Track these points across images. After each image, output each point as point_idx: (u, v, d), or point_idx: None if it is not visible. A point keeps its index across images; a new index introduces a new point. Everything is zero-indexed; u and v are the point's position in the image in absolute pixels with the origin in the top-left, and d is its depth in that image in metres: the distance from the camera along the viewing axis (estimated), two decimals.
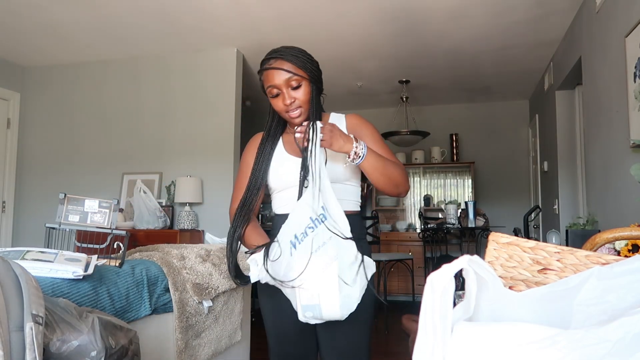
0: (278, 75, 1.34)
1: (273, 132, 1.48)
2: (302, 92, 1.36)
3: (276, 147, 1.47)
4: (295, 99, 1.35)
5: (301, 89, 1.36)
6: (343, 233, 1.18)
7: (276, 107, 1.39)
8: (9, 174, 4.44)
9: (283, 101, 1.36)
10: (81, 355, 1.10)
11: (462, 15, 3.46)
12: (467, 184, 6.04)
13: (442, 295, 0.58)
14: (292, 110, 1.37)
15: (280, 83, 1.35)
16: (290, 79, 1.34)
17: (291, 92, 1.35)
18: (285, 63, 1.35)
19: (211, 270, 2.16)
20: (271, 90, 1.37)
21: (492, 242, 0.76)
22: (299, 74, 1.35)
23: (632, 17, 2.33)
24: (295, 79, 1.34)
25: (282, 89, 1.35)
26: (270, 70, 1.36)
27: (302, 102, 1.36)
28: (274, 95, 1.37)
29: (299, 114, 1.37)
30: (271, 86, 1.36)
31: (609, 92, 2.74)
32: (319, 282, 1.17)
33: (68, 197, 1.72)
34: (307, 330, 1.42)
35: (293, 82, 1.35)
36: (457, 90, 5.45)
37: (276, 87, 1.35)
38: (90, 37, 3.90)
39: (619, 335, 0.50)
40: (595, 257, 0.71)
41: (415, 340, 0.60)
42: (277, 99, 1.38)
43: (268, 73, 1.37)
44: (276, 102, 1.38)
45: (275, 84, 1.35)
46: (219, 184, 4.05)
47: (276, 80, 1.35)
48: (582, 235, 2.48)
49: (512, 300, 0.65)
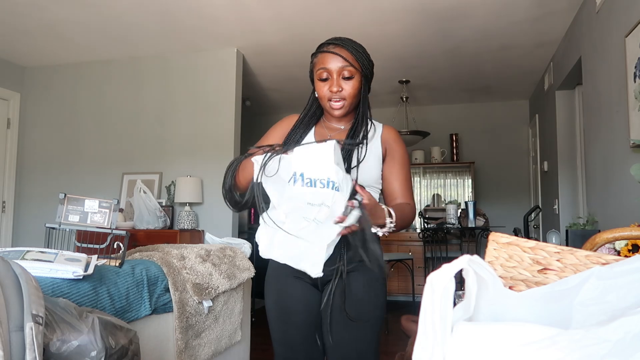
0: (334, 60, 1.33)
1: (308, 120, 1.45)
2: (352, 85, 1.34)
3: (306, 136, 1.44)
4: (343, 89, 1.34)
5: (351, 81, 1.34)
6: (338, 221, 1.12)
7: (320, 92, 1.37)
8: (9, 174, 4.44)
9: (330, 87, 1.34)
10: (81, 355, 1.10)
11: (462, 15, 3.46)
12: (467, 184, 6.04)
13: (442, 295, 0.58)
14: (336, 101, 1.35)
15: (333, 68, 1.33)
16: (345, 67, 1.33)
17: (341, 81, 1.34)
18: (345, 51, 1.34)
19: (211, 270, 2.16)
20: (321, 73, 1.35)
21: (492, 242, 0.76)
22: (354, 65, 1.33)
23: (632, 17, 2.33)
24: (349, 69, 1.33)
25: (333, 74, 1.33)
26: (328, 54, 1.34)
27: (348, 95, 1.34)
28: (322, 78, 1.35)
29: (341, 105, 1.35)
30: (323, 69, 1.34)
31: (609, 92, 2.74)
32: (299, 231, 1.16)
33: (68, 197, 1.72)
34: (312, 337, 1.39)
35: (346, 71, 1.33)
36: (457, 90, 5.45)
37: (328, 71, 1.34)
38: (91, 37, 3.90)
39: (619, 335, 0.50)
40: (595, 257, 0.71)
41: (415, 340, 0.60)
42: (324, 83, 1.35)
43: (324, 56, 1.35)
44: (322, 87, 1.36)
45: (328, 67, 1.33)
46: (219, 184, 4.01)
47: (331, 64, 1.33)
48: (582, 235, 2.48)
49: (512, 300, 0.65)
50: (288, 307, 1.38)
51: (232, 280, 2.27)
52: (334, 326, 1.35)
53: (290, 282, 1.40)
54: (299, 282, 1.40)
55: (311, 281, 1.39)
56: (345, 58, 1.33)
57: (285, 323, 1.41)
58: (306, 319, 1.40)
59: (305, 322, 1.40)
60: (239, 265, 2.39)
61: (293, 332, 1.40)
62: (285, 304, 1.38)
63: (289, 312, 1.39)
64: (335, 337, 1.36)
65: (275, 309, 1.44)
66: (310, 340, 1.40)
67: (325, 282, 1.36)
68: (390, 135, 1.45)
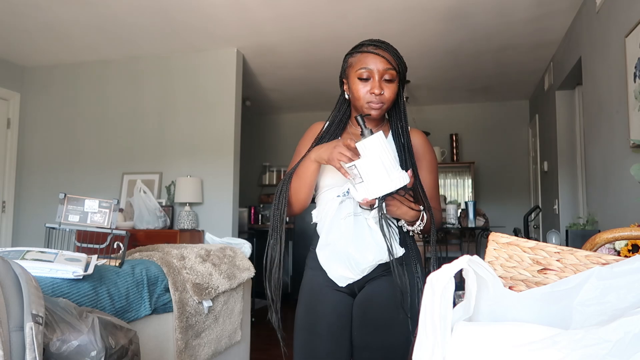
0: (378, 61, 1.32)
1: (335, 127, 1.43)
2: (392, 89, 1.34)
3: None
4: (384, 92, 1.33)
5: (393, 85, 1.34)
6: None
7: (359, 92, 1.34)
8: (9, 174, 4.44)
9: (371, 89, 1.32)
10: (81, 355, 1.10)
11: (462, 15, 3.46)
12: (467, 184, 6.04)
13: (442, 295, 0.58)
14: (376, 102, 1.34)
15: (378, 69, 1.32)
16: (387, 70, 1.32)
17: (383, 83, 1.33)
18: (387, 54, 1.33)
19: (211, 270, 2.16)
20: (362, 73, 1.33)
21: (492, 242, 0.76)
22: (396, 69, 1.33)
23: (632, 17, 2.33)
24: (391, 72, 1.32)
25: (375, 76, 1.32)
26: (372, 55, 1.33)
27: (387, 99, 1.34)
28: (363, 77, 1.33)
29: (379, 107, 1.34)
30: (366, 68, 1.32)
31: (609, 92, 2.74)
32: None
33: (68, 197, 1.72)
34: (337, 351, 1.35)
35: (388, 74, 1.32)
36: (457, 90, 5.45)
37: (370, 72, 1.32)
38: (90, 37, 3.90)
39: (619, 336, 0.50)
40: (595, 257, 0.71)
41: (415, 340, 0.60)
42: (364, 83, 1.33)
43: (367, 56, 1.33)
44: (362, 87, 1.34)
45: (371, 68, 1.32)
46: (219, 184, 4.05)
47: (374, 65, 1.32)
48: (582, 235, 2.48)
49: (512, 300, 0.65)
50: (317, 316, 1.34)
51: (232, 280, 2.27)
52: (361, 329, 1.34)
53: (325, 291, 1.37)
54: (332, 291, 1.37)
55: (347, 289, 1.36)
56: (389, 60, 1.32)
57: (312, 333, 1.37)
58: (334, 330, 1.35)
59: (332, 334, 1.35)
60: (239, 265, 2.39)
61: (317, 343, 1.35)
62: (314, 313, 1.35)
63: (317, 321, 1.35)
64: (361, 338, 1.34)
65: (303, 316, 1.39)
66: (335, 355, 1.35)
67: (362, 285, 1.35)
68: (419, 140, 1.44)
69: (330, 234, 1.26)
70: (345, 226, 1.24)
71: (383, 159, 1.17)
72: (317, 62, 4.38)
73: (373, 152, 1.17)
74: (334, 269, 1.26)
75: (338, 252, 1.24)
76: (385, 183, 1.17)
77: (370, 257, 1.21)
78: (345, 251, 1.23)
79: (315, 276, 1.38)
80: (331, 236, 1.26)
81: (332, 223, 1.26)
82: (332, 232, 1.25)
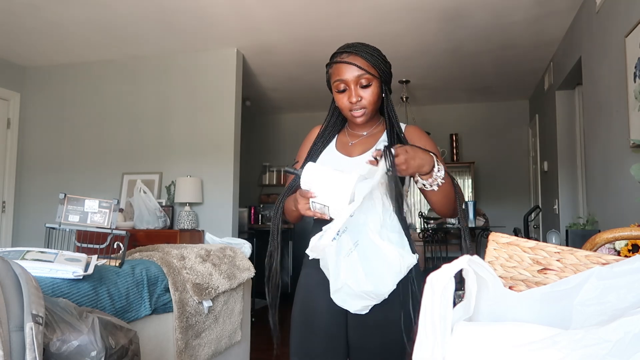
0: (349, 70, 1.30)
1: (329, 130, 1.43)
2: (370, 92, 1.31)
3: (328, 145, 1.42)
4: (362, 98, 1.31)
5: (370, 88, 1.31)
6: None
7: (340, 104, 1.34)
8: (9, 174, 4.44)
9: (349, 98, 1.31)
10: (81, 355, 1.10)
11: (462, 15, 3.46)
12: (467, 184, 6.04)
13: (442, 295, 0.58)
14: (356, 110, 1.32)
15: (349, 79, 1.30)
16: (361, 76, 1.29)
17: (359, 90, 1.31)
18: (359, 59, 1.30)
19: (211, 270, 2.16)
20: (338, 85, 1.32)
21: (492, 242, 0.76)
22: (370, 72, 1.30)
23: (632, 17, 2.33)
24: (366, 77, 1.30)
25: (351, 85, 1.30)
26: (342, 64, 1.31)
27: (368, 103, 1.32)
28: (340, 90, 1.32)
29: (362, 113, 1.33)
30: (339, 80, 1.31)
31: (609, 92, 2.74)
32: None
33: (68, 197, 1.72)
34: (333, 350, 1.33)
35: (363, 80, 1.30)
36: (457, 90, 5.45)
37: (344, 82, 1.31)
38: (90, 37, 3.90)
39: (619, 336, 0.50)
40: (595, 257, 0.71)
41: (415, 340, 0.60)
42: (342, 95, 1.33)
43: (339, 67, 1.32)
44: (341, 98, 1.33)
45: (344, 78, 1.30)
46: (219, 184, 4.05)
47: (346, 75, 1.30)
48: (582, 235, 2.48)
49: (512, 300, 0.65)
50: (313, 315, 1.33)
51: (232, 280, 2.27)
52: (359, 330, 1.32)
53: (320, 290, 1.34)
54: (328, 290, 1.32)
55: None
56: (360, 66, 1.29)
57: (307, 332, 1.35)
58: (330, 329, 1.33)
59: (327, 333, 1.34)
60: (239, 265, 2.39)
61: (313, 341, 1.34)
62: (310, 312, 1.34)
63: (313, 320, 1.34)
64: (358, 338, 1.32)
65: (299, 315, 1.38)
66: (331, 354, 1.33)
67: None
68: (414, 134, 1.41)
69: (339, 278, 1.18)
70: (351, 264, 1.17)
71: (326, 179, 1.15)
72: (317, 62, 4.38)
73: (313, 181, 1.16)
74: (354, 305, 1.20)
75: (354, 292, 1.18)
76: (343, 192, 1.13)
77: (390, 281, 1.15)
78: (361, 289, 1.16)
79: (311, 275, 1.37)
80: (340, 280, 1.18)
81: (337, 264, 1.19)
82: (341, 275, 1.18)
